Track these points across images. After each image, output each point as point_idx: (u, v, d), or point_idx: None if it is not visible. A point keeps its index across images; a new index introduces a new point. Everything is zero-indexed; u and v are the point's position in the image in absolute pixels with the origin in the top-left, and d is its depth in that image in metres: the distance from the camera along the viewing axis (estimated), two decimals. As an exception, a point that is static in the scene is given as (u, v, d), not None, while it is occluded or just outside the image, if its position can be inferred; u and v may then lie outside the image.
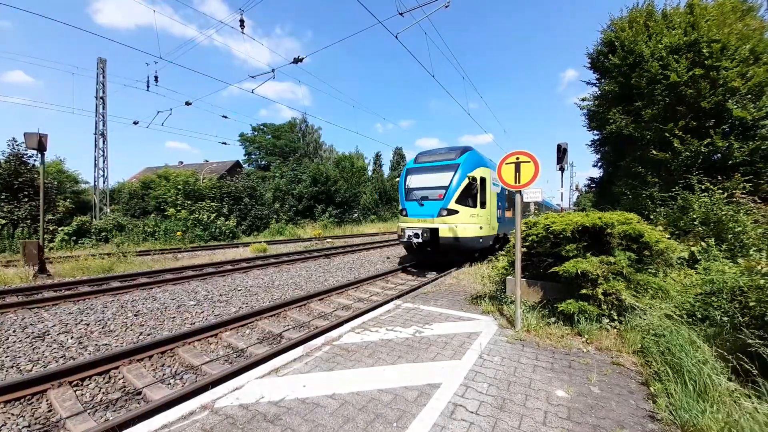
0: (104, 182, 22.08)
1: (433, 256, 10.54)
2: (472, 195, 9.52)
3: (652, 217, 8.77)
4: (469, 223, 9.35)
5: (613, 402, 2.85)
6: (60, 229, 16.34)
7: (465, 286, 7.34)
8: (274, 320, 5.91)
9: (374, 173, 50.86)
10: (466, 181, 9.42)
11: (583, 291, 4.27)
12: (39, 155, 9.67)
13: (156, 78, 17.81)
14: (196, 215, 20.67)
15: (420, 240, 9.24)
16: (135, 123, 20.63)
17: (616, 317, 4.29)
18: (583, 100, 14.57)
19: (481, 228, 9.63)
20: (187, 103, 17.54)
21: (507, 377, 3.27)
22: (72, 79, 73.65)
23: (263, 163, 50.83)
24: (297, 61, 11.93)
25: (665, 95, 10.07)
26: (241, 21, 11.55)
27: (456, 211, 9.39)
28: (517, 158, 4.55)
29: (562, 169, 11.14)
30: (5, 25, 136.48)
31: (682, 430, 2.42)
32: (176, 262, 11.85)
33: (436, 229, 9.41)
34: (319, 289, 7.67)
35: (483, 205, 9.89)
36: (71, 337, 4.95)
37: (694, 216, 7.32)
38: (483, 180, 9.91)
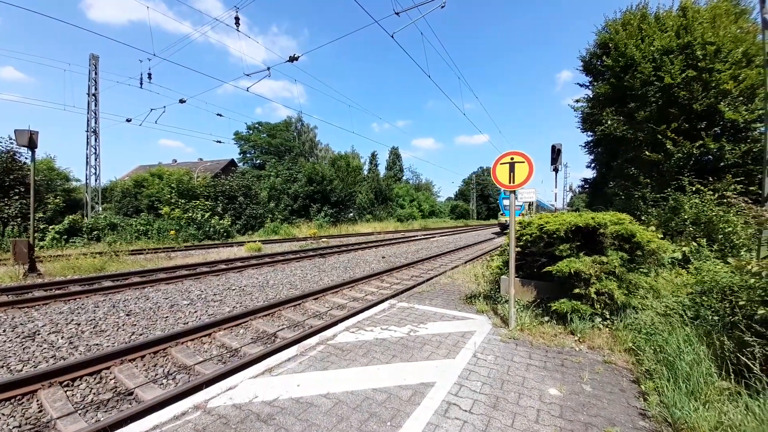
0: (96, 180, 21.83)
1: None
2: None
3: (644, 217, 8.86)
4: None
5: (604, 400, 2.88)
6: (51, 227, 16.10)
7: (460, 285, 7.37)
8: (268, 320, 5.88)
9: (370, 173, 50.86)
10: None
11: (576, 290, 4.31)
12: (29, 152, 9.53)
13: (149, 75, 17.65)
14: (190, 214, 20.46)
15: None
16: (128, 120, 20.34)
17: (608, 316, 4.34)
18: (576, 101, 14.70)
19: None
20: (182, 101, 17.39)
21: (500, 376, 3.29)
22: (64, 75, 72.57)
23: (258, 162, 50.50)
24: (293, 59, 11.90)
25: (658, 97, 10.17)
26: (237, 18, 11.48)
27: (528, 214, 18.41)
28: (512, 158, 4.57)
29: (556, 170, 11.21)
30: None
31: (673, 427, 2.44)
32: (169, 261, 11.75)
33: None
34: (314, 289, 7.65)
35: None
36: (62, 337, 4.89)
37: (685, 217, 7.41)
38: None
